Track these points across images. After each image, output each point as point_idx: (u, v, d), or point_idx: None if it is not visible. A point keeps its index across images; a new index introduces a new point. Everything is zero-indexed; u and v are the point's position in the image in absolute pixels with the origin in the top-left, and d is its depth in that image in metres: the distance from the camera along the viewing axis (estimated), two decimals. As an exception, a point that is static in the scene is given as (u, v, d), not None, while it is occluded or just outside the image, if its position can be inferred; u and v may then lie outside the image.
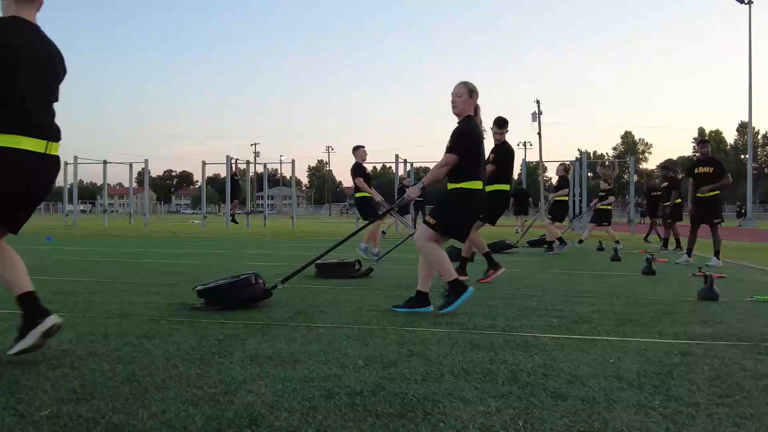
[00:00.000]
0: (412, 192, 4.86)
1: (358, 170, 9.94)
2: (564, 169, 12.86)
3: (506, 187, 7.36)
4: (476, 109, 4.85)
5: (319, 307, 4.92)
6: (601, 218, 13.03)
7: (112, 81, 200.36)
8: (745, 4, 33.84)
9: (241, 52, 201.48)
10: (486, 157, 5.96)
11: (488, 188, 5.89)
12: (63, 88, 3.16)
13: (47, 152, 2.98)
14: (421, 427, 2.22)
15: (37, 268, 6.97)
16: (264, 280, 4.91)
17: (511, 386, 2.74)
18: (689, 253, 9.61)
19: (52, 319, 2.99)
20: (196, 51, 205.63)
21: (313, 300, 5.29)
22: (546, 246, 12.27)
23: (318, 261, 7.04)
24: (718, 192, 9.34)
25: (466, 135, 4.74)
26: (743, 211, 38.75)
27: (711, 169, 9.37)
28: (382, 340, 3.67)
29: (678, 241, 12.60)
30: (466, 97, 4.77)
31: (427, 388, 2.70)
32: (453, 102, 4.79)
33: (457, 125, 4.82)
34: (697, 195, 9.32)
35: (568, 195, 12.62)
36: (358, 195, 10.13)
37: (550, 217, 12.49)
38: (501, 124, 7.43)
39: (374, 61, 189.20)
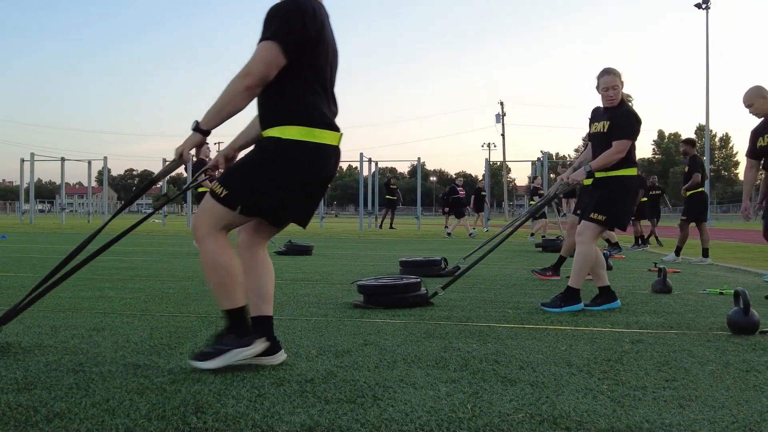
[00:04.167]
0: (578, 175, 4.69)
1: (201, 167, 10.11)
2: None
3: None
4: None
5: (276, 300, 4.86)
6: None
7: (72, 76, 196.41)
8: (703, 9, 34.63)
9: (202, 48, 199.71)
10: None
11: None
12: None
13: (338, 144, 2.80)
14: (370, 411, 2.21)
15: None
16: (426, 287, 4.79)
17: (463, 372, 2.75)
18: (705, 252, 9.64)
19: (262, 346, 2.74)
20: (156, 48, 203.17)
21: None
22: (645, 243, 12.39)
23: (403, 259, 7.06)
24: (700, 190, 9.57)
25: (635, 119, 4.57)
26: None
27: (686, 168, 9.84)
28: (338, 331, 3.65)
29: (637, 239, 12.84)
30: (620, 85, 4.60)
31: (379, 375, 2.69)
32: (609, 96, 4.58)
33: (617, 110, 4.61)
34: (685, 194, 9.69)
35: None
36: (201, 190, 10.40)
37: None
38: None
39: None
